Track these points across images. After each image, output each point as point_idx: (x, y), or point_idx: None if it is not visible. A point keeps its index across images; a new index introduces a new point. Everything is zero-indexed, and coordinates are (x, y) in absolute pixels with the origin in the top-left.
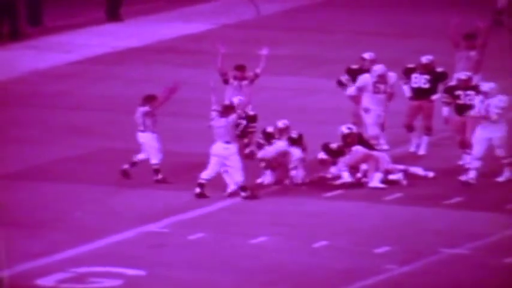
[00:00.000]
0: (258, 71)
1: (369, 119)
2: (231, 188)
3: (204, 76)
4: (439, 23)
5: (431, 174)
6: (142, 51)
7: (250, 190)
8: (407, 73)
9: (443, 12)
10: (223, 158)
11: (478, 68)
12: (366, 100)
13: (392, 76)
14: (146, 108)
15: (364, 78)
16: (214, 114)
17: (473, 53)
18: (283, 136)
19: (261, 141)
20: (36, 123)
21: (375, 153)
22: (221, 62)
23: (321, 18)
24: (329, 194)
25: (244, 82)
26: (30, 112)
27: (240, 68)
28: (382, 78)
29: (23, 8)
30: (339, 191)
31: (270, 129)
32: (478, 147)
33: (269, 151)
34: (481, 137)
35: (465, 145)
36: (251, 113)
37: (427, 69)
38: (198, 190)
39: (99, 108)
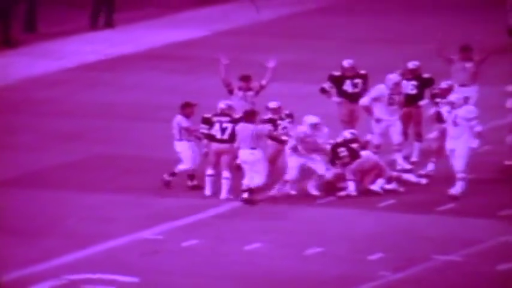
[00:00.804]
0: (263, 82)
1: (377, 129)
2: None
3: (196, 83)
4: (432, 29)
5: (424, 181)
6: (135, 58)
7: (254, 196)
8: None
9: (437, 18)
10: (251, 164)
11: (475, 79)
12: (378, 111)
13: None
14: (183, 120)
15: (380, 89)
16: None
17: (469, 65)
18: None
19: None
20: (28, 130)
21: (381, 161)
22: (224, 73)
23: (315, 25)
24: (323, 201)
25: (250, 93)
26: (23, 119)
27: (245, 78)
28: (397, 87)
29: (21, 14)
30: (332, 198)
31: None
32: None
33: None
34: (449, 149)
35: (439, 153)
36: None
37: (413, 74)
38: (245, 195)
39: (92, 114)
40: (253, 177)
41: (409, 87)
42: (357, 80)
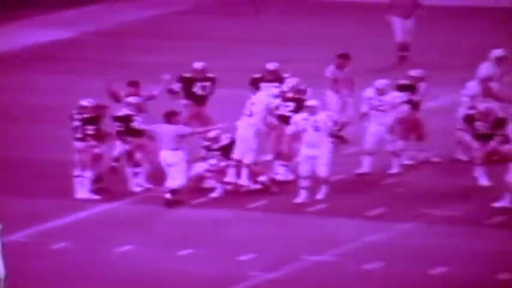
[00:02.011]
0: (155, 93)
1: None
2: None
3: (64, 83)
4: (306, 31)
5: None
6: (2, 58)
7: (176, 197)
8: (255, 83)
9: (311, 20)
10: (172, 165)
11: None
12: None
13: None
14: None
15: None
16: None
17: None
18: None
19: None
20: None
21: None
22: (108, 83)
23: (187, 26)
24: (196, 201)
25: (138, 99)
26: None
27: (133, 84)
28: (273, 75)
29: None
30: (204, 199)
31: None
32: (302, 167)
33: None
34: (303, 156)
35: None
36: None
37: (273, 75)
38: (168, 196)
39: None
40: (175, 179)
41: (271, 89)
42: (206, 83)
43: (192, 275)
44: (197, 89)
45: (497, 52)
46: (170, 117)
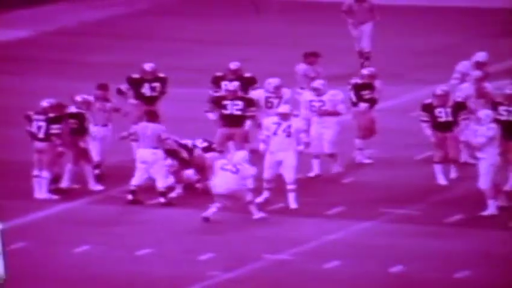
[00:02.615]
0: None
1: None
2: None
3: (24, 83)
4: (262, 31)
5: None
6: None
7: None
8: (216, 82)
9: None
10: (150, 164)
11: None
12: (259, 115)
13: (286, 92)
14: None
15: (257, 93)
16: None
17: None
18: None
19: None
20: None
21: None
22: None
23: (141, 26)
24: (154, 201)
25: (108, 104)
26: None
27: (102, 87)
28: (276, 91)
29: None
30: (160, 199)
31: None
32: (267, 170)
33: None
34: (270, 160)
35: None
36: None
37: (235, 74)
38: (130, 197)
39: None
40: (158, 179)
41: (231, 87)
42: (156, 84)
43: (150, 275)
44: (146, 89)
45: (480, 56)
46: (152, 116)
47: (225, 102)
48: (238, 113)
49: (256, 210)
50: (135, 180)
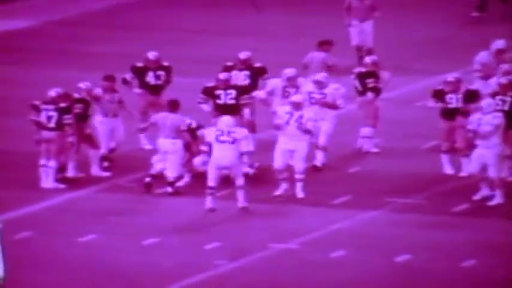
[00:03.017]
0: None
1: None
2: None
3: (26, 74)
4: (265, 22)
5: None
6: None
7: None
8: (226, 71)
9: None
10: (170, 154)
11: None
12: (274, 103)
13: (303, 82)
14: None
15: (274, 82)
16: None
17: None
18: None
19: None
20: None
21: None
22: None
23: (146, 16)
24: (159, 191)
25: (116, 95)
26: None
27: (109, 78)
28: (292, 81)
29: None
30: (168, 188)
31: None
32: (278, 160)
33: None
34: (281, 149)
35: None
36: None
37: (245, 64)
38: (148, 180)
39: None
40: (171, 168)
41: (242, 77)
42: (160, 72)
43: (157, 264)
44: (150, 78)
45: (499, 44)
46: (173, 106)
47: (218, 92)
48: (232, 101)
49: (242, 198)
50: (156, 168)
